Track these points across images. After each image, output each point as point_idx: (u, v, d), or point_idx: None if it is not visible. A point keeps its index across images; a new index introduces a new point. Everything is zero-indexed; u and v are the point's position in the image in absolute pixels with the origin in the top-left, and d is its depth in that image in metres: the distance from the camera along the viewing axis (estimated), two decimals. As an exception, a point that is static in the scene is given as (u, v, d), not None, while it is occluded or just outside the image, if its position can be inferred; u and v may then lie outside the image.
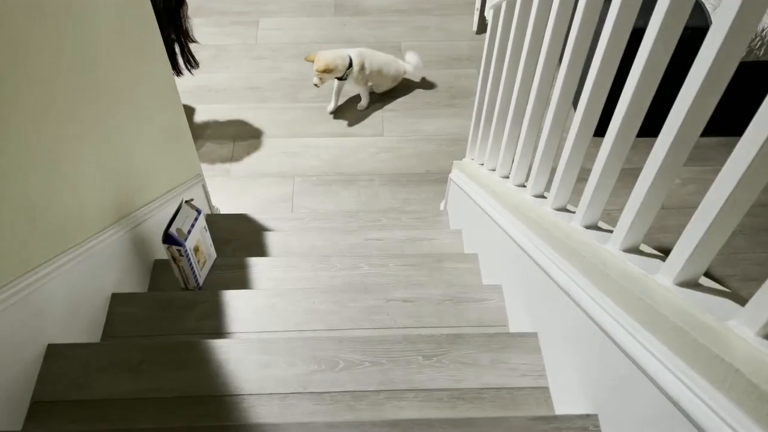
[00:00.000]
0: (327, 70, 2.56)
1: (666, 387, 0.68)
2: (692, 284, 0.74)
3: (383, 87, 2.88)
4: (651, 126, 0.91)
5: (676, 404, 0.66)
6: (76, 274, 1.20)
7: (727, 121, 1.47)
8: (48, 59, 1.05)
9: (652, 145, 0.77)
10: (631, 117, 0.84)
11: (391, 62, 2.80)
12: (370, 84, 2.84)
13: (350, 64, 2.63)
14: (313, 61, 2.57)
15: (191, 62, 2.50)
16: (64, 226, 1.16)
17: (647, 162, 0.78)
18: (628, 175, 0.97)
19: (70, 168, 1.16)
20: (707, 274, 0.76)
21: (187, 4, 2.34)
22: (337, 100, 2.83)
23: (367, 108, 2.86)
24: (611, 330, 0.82)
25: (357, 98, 2.87)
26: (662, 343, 0.72)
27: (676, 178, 0.78)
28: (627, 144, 0.89)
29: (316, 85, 2.62)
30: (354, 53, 2.67)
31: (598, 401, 0.89)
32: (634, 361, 0.75)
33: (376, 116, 2.85)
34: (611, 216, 1.01)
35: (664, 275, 0.76)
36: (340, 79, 2.69)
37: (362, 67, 2.67)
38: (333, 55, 2.58)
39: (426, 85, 2.99)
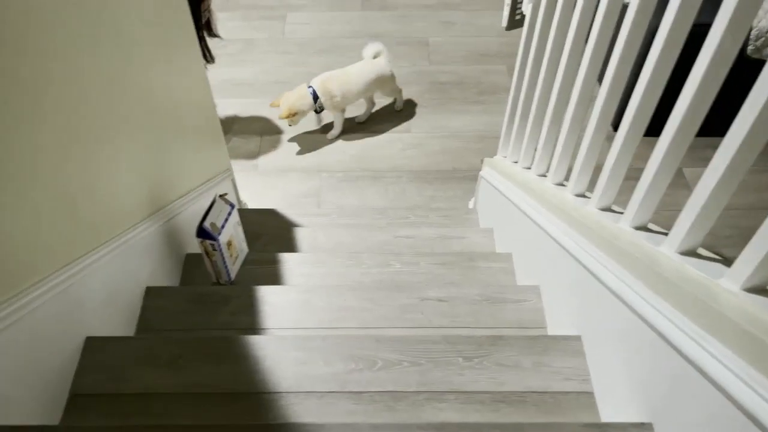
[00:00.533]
0: (291, 115, 2.47)
1: (736, 395, 0.65)
2: (761, 290, 0.71)
3: (392, 93, 2.73)
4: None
5: (747, 413, 0.63)
6: (114, 266, 1.20)
7: None
8: (84, 50, 1.05)
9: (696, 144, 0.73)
10: (692, 115, 0.81)
11: (366, 73, 2.56)
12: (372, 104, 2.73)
13: (316, 97, 2.50)
14: (279, 106, 2.48)
15: (206, 56, 2.48)
16: (102, 218, 1.16)
17: (713, 161, 0.75)
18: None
19: (107, 160, 1.16)
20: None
21: None
22: (340, 126, 2.71)
23: (337, 137, 2.71)
24: (669, 334, 0.79)
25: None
26: (729, 348, 0.69)
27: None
28: (685, 143, 0.85)
29: (290, 125, 2.57)
30: (317, 84, 2.50)
31: (652, 409, 0.86)
32: (697, 368, 0.72)
33: (403, 112, 2.82)
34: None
35: (729, 279, 0.73)
36: (318, 111, 2.56)
37: (331, 96, 2.52)
38: (295, 97, 2.47)
39: (453, 81, 2.96)
